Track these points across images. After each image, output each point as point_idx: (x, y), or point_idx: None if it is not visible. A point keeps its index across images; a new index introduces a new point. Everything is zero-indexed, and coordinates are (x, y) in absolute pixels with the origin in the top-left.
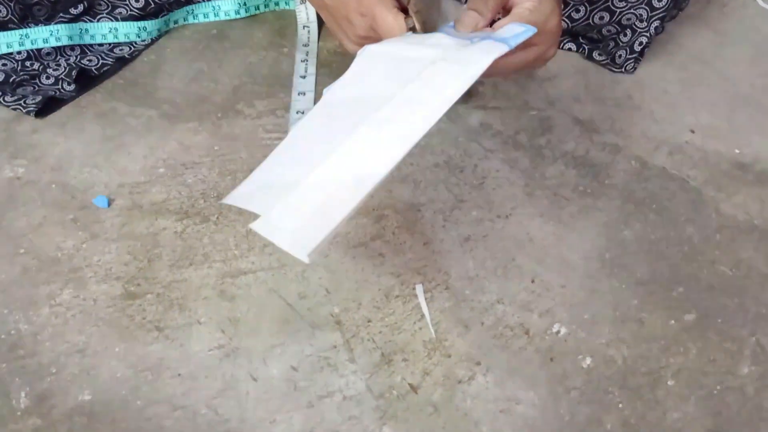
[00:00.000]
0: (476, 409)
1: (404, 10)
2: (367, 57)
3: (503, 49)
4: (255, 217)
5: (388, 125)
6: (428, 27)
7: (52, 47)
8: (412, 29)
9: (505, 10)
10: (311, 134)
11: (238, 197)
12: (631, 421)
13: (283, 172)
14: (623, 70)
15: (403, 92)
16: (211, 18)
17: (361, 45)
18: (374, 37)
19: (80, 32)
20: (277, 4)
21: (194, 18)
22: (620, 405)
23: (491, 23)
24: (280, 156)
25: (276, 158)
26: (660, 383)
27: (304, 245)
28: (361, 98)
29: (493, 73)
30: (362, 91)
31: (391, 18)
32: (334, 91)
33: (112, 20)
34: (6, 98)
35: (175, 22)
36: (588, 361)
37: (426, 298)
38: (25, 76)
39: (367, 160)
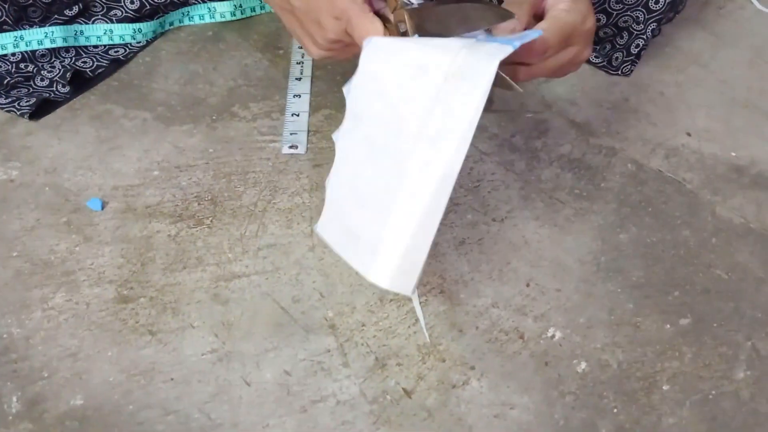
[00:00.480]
0: (470, 413)
1: (378, 14)
2: (375, 50)
3: (507, 50)
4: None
5: (430, 168)
6: (425, 33)
7: (47, 49)
8: (404, 34)
9: (537, 16)
10: (363, 169)
11: (328, 236)
12: (626, 426)
13: (359, 221)
14: (620, 72)
15: (428, 127)
16: (207, 20)
17: (330, 50)
18: (346, 41)
19: (75, 34)
20: None
21: (190, 20)
22: (615, 410)
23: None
24: (344, 189)
25: (342, 190)
26: (655, 388)
27: (408, 284)
28: (390, 122)
29: (531, 74)
30: (387, 106)
31: (368, 23)
32: (356, 99)
33: (107, 22)
34: (0, 100)
35: (171, 23)
36: (583, 365)
37: (420, 302)
38: (20, 78)
39: (426, 203)
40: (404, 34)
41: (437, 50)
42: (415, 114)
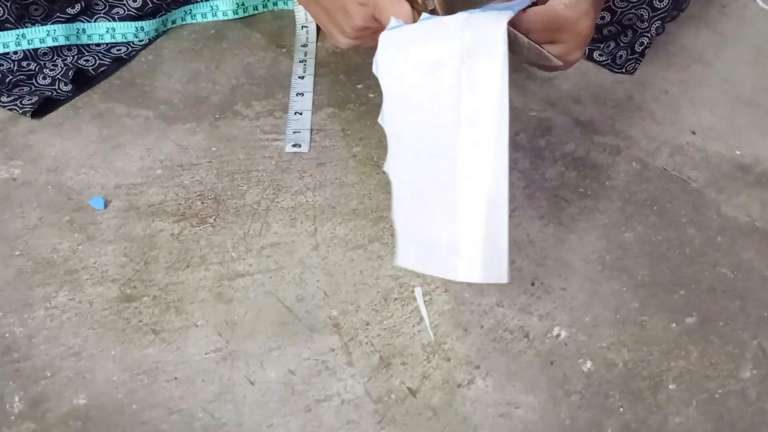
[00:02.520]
0: (475, 413)
1: None
2: (387, 68)
3: (508, 14)
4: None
5: (480, 147)
6: (451, 10)
7: (49, 47)
8: (433, 11)
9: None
10: (419, 182)
11: (410, 261)
12: (631, 425)
13: (432, 230)
14: (624, 70)
15: (462, 111)
16: (209, 18)
17: (357, 38)
18: (374, 27)
19: (77, 32)
20: (275, 4)
21: (192, 18)
22: (621, 409)
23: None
24: (409, 210)
25: (407, 212)
26: (661, 387)
27: (500, 271)
28: (427, 125)
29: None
30: (419, 114)
31: (396, 6)
32: (392, 121)
33: (109, 20)
34: (2, 99)
35: (173, 22)
36: (588, 364)
37: (425, 301)
38: (22, 77)
39: (487, 182)
40: (433, 11)
41: (441, 40)
42: (446, 106)
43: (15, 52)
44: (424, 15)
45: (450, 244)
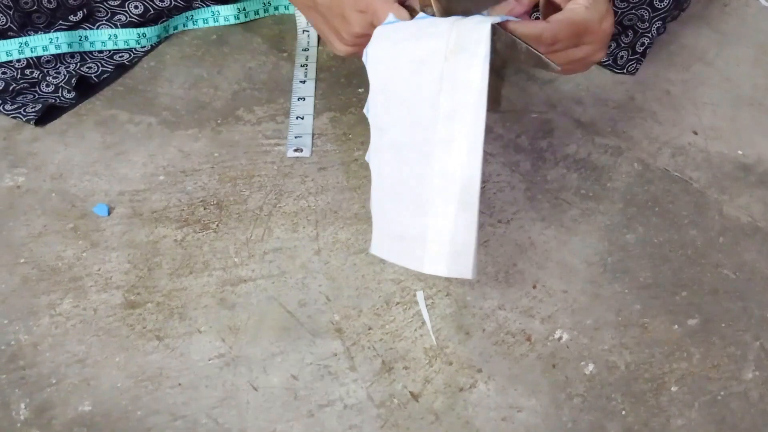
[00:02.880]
0: (478, 417)
1: (404, 5)
2: (376, 60)
3: (495, 19)
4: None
5: (454, 144)
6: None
7: (52, 55)
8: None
9: (553, 5)
10: (396, 175)
11: (382, 251)
12: (634, 428)
13: (404, 222)
14: (625, 71)
15: (440, 107)
16: (211, 23)
17: (355, 45)
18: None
19: (80, 39)
20: (276, 8)
21: (194, 24)
22: (623, 412)
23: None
24: (385, 201)
25: (383, 203)
26: (663, 389)
27: (465, 266)
28: (407, 118)
29: (537, 64)
30: (401, 108)
31: (395, 13)
32: (375, 113)
33: (111, 27)
34: (6, 107)
35: (175, 28)
36: (590, 367)
37: (427, 305)
38: (25, 84)
39: (459, 179)
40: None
41: (429, 38)
42: (427, 102)
43: (18, 60)
44: (421, 14)
45: (419, 236)
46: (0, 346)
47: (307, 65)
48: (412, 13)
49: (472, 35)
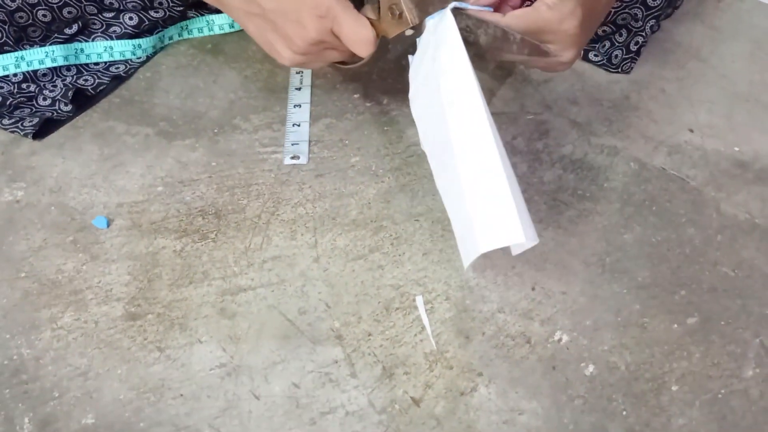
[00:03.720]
0: (479, 421)
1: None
2: (412, 99)
3: (453, 4)
4: None
5: (461, 122)
6: (426, 10)
7: (48, 68)
8: (401, 16)
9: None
10: (449, 191)
11: (467, 259)
12: (635, 428)
13: (461, 219)
14: (620, 70)
15: (443, 101)
16: (206, 33)
17: (307, 53)
18: (328, 42)
19: (75, 52)
20: None
21: (189, 33)
22: (624, 412)
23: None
24: (453, 219)
25: (455, 223)
26: (664, 389)
27: (515, 230)
28: (437, 135)
29: (499, 56)
30: (434, 128)
31: (356, 20)
32: (426, 145)
33: (107, 39)
34: (3, 121)
35: (170, 38)
36: (591, 368)
37: (426, 310)
38: (22, 98)
39: (475, 151)
40: (400, 17)
41: (425, 54)
42: (437, 105)
43: (15, 75)
44: (418, 39)
45: (468, 221)
46: (3, 360)
47: (302, 72)
48: (374, 24)
49: (439, 26)
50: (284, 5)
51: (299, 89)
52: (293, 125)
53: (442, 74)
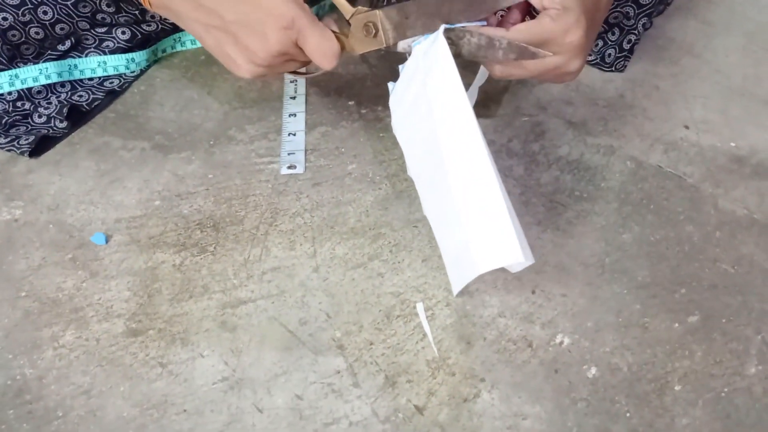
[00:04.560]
0: (483, 427)
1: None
2: (396, 127)
3: (443, 26)
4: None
5: (455, 141)
6: (404, 33)
7: (42, 85)
8: (374, 36)
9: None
10: (439, 214)
11: (458, 284)
12: (639, 429)
13: (455, 244)
14: (613, 69)
15: (434, 121)
16: (199, 44)
17: (268, 66)
18: (291, 54)
19: (69, 68)
20: None
21: (182, 45)
22: (628, 414)
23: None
24: (443, 243)
25: (443, 246)
26: (667, 389)
27: (511, 249)
28: (428, 159)
29: (506, 73)
30: (423, 153)
31: (321, 33)
32: (413, 170)
33: (100, 54)
34: (0, 140)
35: (163, 50)
36: (593, 370)
37: (427, 316)
38: (18, 117)
39: (471, 170)
40: (375, 35)
41: (411, 80)
42: (428, 130)
43: (9, 93)
44: (400, 66)
45: (463, 243)
46: (6, 381)
47: (296, 81)
48: (337, 34)
49: (430, 48)
50: (247, 17)
51: (294, 98)
52: (289, 134)
53: (435, 98)
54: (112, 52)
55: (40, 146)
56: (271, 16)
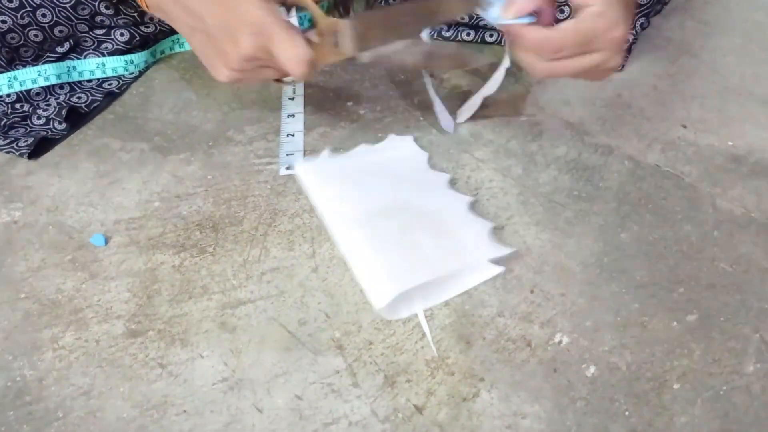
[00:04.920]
0: (482, 426)
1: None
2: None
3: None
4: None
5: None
6: (367, 44)
7: (41, 87)
8: (335, 45)
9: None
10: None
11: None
12: (638, 428)
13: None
14: None
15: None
16: None
17: (242, 71)
18: (263, 59)
19: (68, 70)
20: None
21: (180, 47)
22: (627, 413)
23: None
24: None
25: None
26: (665, 388)
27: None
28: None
29: (551, 72)
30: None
31: (291, 38)
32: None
33: (99, 56)
34: None
35: (162, 52)
36: (592, 369)
37: (426, 316)
38: (17, 119)
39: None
40: (335, 46)
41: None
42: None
43: (8, 95)
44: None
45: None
46: (6, 382)
47: (295, 82)
48: (308, 40)
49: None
50: (223, 21)
51: (292, 99)
52: (287, 135)
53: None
54: (111, 53)
55: (39, 148)
56: (242, 22)
